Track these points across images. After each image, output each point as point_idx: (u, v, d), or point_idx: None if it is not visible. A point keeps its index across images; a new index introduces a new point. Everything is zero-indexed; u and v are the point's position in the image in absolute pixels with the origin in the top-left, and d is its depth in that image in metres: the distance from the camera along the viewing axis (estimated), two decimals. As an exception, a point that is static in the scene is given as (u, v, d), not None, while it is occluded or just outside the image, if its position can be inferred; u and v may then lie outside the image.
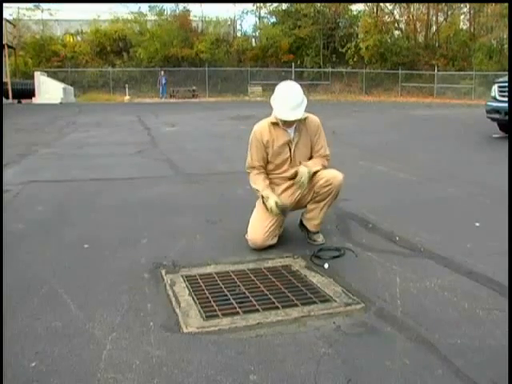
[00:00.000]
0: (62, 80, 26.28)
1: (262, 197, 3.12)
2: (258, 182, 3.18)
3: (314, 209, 3.23)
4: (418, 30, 33.89)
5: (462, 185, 5.14)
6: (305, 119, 3.14)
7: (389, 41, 31.96)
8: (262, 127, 3.17)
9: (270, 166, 3.21)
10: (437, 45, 32.64)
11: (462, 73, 29.01)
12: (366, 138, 9.53)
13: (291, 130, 3.13)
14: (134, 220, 3.85)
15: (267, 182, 3.18)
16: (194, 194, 4.82)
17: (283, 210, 3.07)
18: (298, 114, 3.01)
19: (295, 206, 3.30)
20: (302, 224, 3.35)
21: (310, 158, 3.25)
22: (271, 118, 3.15)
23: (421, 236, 3.38)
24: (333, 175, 3.16)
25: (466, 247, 3.15)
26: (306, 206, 3.30)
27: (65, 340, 2.02)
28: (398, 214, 4.01)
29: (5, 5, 20.24)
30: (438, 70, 29.59)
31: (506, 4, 18.54)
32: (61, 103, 22.44)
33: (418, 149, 8.03)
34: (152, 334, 2.06)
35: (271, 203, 3.04)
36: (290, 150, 3.15)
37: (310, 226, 3.27)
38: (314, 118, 3.24)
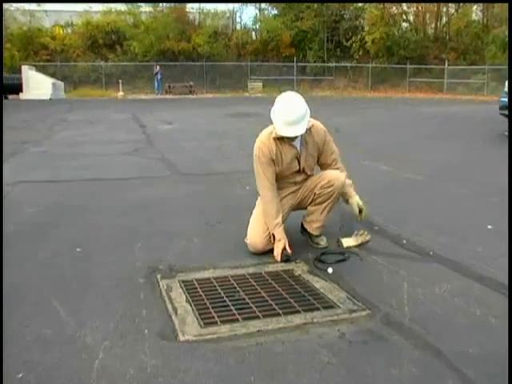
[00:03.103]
0: (52, 75, 26.27)
1: (273, 235, 3.05)
2: (272, 213, 3.05)
3: (315, 211, 3.23)
4: (428, 21, 33.87)
5: (472, 185, 5.14)
6: (310, 128, 3.05)
7: (396, 33, 31.99)
8: (267, 144, 3.04)
9: (277, 177, 3.17)
10: (447, 37, 32.61)
11: (473, 67, 28.98)
12: (371, 137, 9.53)
13: (297, 142, 3.07)
14: (128, 222, 3.85)
15: (281, 215, 3.08)
16: (191, 194, 4.82)
17: (287, 257, 3.02)
18: (300, 129, 2.92)
19: (295, 207, 3.31)
20: (303, 227, 3.35)
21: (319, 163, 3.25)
22: (274, 132, 3.02)
23: (429, 239, 3.38)
24: (335, 176, 3.16)
25: (476, 251, 3.15)
26: (306, 208, 3.30)
27: (55, 349, 2.02)
28: (405, 216, 4.01)
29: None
30: (449, 64, 29.58)
31: None
32: (50, 99, 22.46)
33: (426, 147, 8.04)
34: (147, 342, 2.07)
35: (279, 250, 2.99)
36: (300, 163, 3.13)
37: (312, 228, 3.27)
38: (318, 126, 3.17)
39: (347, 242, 3.28)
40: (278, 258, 3.00)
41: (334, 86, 30.42)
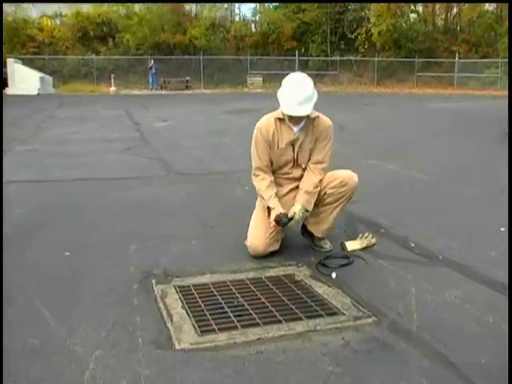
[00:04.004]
0: (40, 68, 26.22)
1: (268, 208, 3.08)
2: (264, 188, 3.11)
3: (323, 212, 3.22)
4: (437, 12, 33.80)
5: (483, 185, 5.14)
6: (314, 118, 3.08)
7: (404, 25, 31.99)
8: (266, 123, 3.12)
9: (273, 166, 3.20)
10: (458, 29, 32.59)
11: (486, 60, 28.97)
12: (376, 134, 9.54)
13: (297, 128, 3.09)
14: (122, 224, 3.85)
15: (275, 189, 3.12)
16: (188, 195, 4.82)
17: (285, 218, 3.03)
18: (306, 109, 2.96)
19: None
20: (305, 230, 3.34)
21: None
22: (277, 113, 3.10)
23: (438, 242, 3.39)
24: (348, 175, 3.17)
25: (488, 254, 3.15)
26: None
27: (43, 358, 2.02)
28: (413, 218, 4.01)
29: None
30: (459, 58, 29.58)
31: None
32: (38, 94, 22.45)
33: (435, 146, 8.04)
34: (141, 351, 2.06)
35: (273, 216, 3.01)
36: (294, 150, 3.12)
37: (317, 231, 3.26)
38: (325, 120, 3.16)
39: (352, 245, 3.28)
40: (273, 223, 3.00)
41: (337, 81, 30.44)
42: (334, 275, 2.84)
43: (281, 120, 3.10)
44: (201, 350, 2.08)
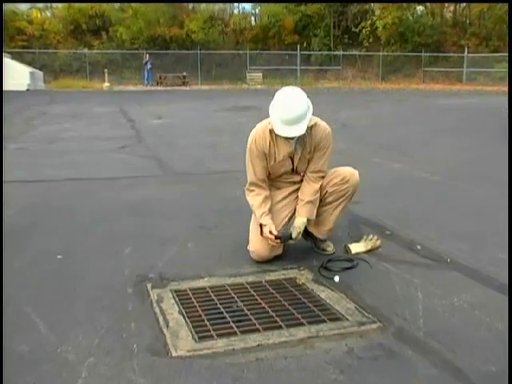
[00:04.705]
0: (29, 63, 26.22)
1: (261, 225, 3.05)
2: (258, 204, 3.07)
3: (325, 211, 3.21)
4: (446, 4, 33.76)
5: (493, 185, 5.14)
6: (311, 127, 3.00)
7: (410, 18, 31.97)
8: (262, 134, 3.04)
9: (271, 175, 3.17)
10: (467, 22, 32.54)
11: (497, 54, 28.90)
12: (381, 132, 9.54)
13: (293, 141, 3.03)
14: (116, 226, 3.85)
15: (269, 205, 3.09)
16: (185, 196, 4.82)
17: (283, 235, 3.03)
18: (298, 129, 2.87)
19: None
20: (306, 232, 3.32)
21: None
22: (270, 125, 3.01)
23: (446, 244, 3.39)
24: (350, 172, 3.16)
25: (499, 257, 3.15)
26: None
27: (32, 367, 2.01)
28: (419, 219, 4.01)
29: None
30: (469, 52, 29.56)
31: None
32: (28, 90, 22.45)
33: (442, 144, 8.05)
34: (136, 359, 2.06)
35: (266, 234, 2.98)
36: (293, 162, 3.10)
37: (319, 232, 3.26)
38: (323, 128, 3.08)
39: (356, 247, 3.28)
40: (271, 236, 2.96)
41: (341, 77, 30.46)
42: (337, 279, 2.84)
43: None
44: (198, 358, 2.08)
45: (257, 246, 3.09)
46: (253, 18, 35.35)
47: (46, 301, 2.59)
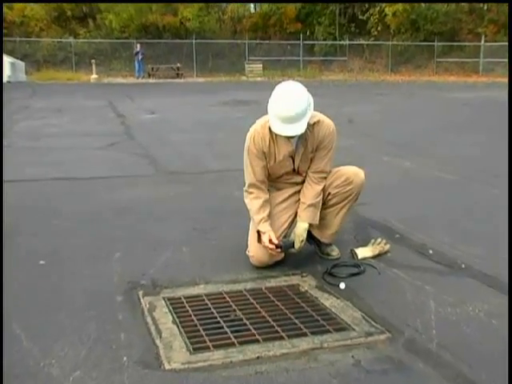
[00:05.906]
0: (10, 52, 26.10)
1: (258, 232, 3.05)
2: (256, 209, 3.07)
3: (328, 214, 3.22)
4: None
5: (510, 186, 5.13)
6: (314, 124, 3.00)
7: (422, 5, 31.87)
8: (261, 132, 3.03)
9: (271, 176, 3.18)
10: (485, 7, 32.36)
11: (516, 43, 28.91)
12: (391, 128, 9.55)
13: (294, 139, 3.03)
14: (105, 229, 3.85)
15: (268, 210, 3.08)
16: (179, 196, 4.82)
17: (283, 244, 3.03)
18: (298, 128, 2.86)
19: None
20: (310, 235, 3.31)
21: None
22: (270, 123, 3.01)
23: (460, 249, 3.39)
24: (354, 172, 3.16)
25: (516, 263, 3.15)
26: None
27: (13, 382, 2.00)
28: (431, 222, 4.01)
29: None
30: (486, 41, 29.56)
31: None
32: (9, 82, 22.42)
33: (456, 141, 8.05)
34: (126, 372, 2.06)
35: (266, 242, 2.97)
36: (294, 162, 3.10)
37: (323, 236, 3.27)
38: (326, 125, 3.07)
39: (363, 252, 3.28)
40: (271, 245, 2.95)
41: (347, 68, 30.49)
42: (342, 286, 2.84)
43: None
44: (193, 371, 2.08)
45: (256, 250, 3.08)
46: (252, 5, 35.37)
47: (29, 310, 2.59)
